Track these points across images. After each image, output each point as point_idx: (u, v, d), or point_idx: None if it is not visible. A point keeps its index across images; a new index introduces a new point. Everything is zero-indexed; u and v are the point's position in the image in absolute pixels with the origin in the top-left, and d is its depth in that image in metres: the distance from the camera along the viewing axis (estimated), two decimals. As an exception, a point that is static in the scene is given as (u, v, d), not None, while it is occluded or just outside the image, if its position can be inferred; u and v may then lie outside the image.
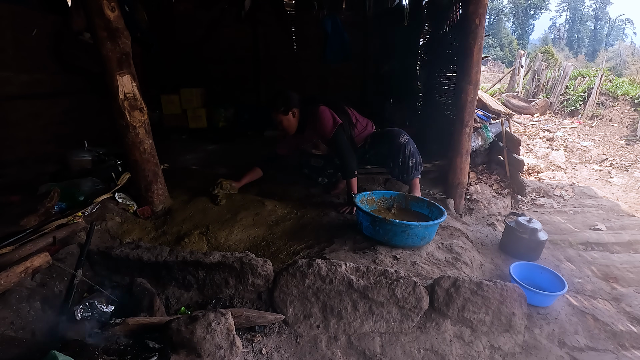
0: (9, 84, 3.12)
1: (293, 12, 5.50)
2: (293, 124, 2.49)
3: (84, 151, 2.99)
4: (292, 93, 2.48)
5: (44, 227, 1.90)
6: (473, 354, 1.50)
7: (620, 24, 48.82)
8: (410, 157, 2.46)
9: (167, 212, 2.41)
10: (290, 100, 2.43)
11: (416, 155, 2.49)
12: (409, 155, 2.46)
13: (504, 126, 3.63)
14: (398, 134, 2.50)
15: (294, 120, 2.48)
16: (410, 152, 2.46)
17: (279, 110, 2.42)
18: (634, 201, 3.80)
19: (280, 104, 2.42)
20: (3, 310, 1.37)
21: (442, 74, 3.48)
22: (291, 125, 2.49)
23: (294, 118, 2.47)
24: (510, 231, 2.33)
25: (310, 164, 2.79)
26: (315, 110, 2.45)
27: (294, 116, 2.46)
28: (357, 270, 1.62)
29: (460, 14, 2.92)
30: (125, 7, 3.07)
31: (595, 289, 2.05)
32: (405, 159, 2.47)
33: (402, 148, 2.46)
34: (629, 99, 7.80)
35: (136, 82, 2.15)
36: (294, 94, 2.48)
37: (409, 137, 2.50)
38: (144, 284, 1.68)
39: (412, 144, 2.49)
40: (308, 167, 2.82)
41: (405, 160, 2.47)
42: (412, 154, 2.47)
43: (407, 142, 2.47)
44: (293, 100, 2.44)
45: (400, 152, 2.46)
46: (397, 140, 2.47)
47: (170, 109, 5.11)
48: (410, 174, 2.51)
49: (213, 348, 1.28)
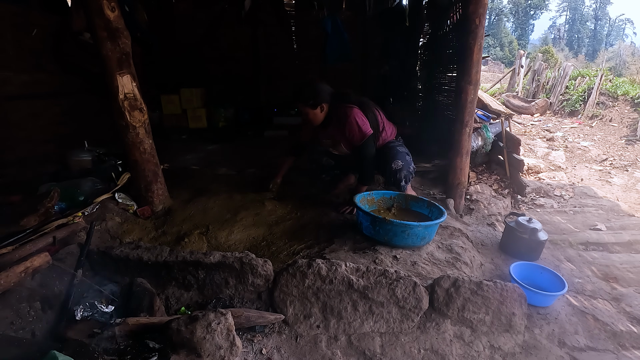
0: (9, 84, 3.11)
1: (293, 12, 5.50)
2: (319, 118, 2.39)
3: (84, 151, 2.99)
4: (323, 85, 2.38)
5: (44, 227, 1.90)
6: (473, 354, 1.50)
7: (620, 24, 48.84)
8: (401, 179, 2.46)
9: (167, 212, 2.41)
10: (320, 94, 2.33)
11: (409, 176, 2.48)
12: (400, 179, 2.46)
13: (504, 126, 3.63)
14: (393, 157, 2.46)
15: (321, 115, 2.38)
16: (401, 176, 2.45)
17: (307, 103, 2.32)
18: (634, 201, 3.80)
19: (309, 97, 2.32)
20: (3, 310, 1.37)
21: (442, 74, 3.48)
22: (317, 119, 2.40)
23: (321, 113, 2.37)
24: (510, 231, 2.33)
25: (321, 162, 2.74)
26: (346, 111, 2.35)
27: (321, 111, 2.36)
28: (357, 270, 1.62)
29: (460, 14, 2.92)
30: (125, 7, 3.07)
31: (595, 289, 2.05)
32: (396, 180, 2.48)
33: (394, 173, 2.46)
34: (629, 99, 7.80)
35: (136, 82, 2.15)
36: (325, 86, 2.39)
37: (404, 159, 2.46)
38: (144, 284, 1.68)
39: (406, 168, 2.44)
40: (317, 163, 2.77)
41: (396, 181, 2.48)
42: (404, 177, 2.46)
43: (400, 169, 2.44)
44: (323, 94, 2.34)
45: (392, 175, 2.47)
46: (390, 166, 2.45)
47: (170, 109, 5.11)
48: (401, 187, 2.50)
49: (213, 348, 1.28)
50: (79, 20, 3.20)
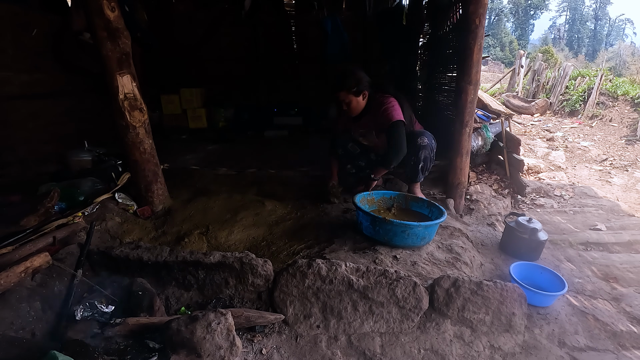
0: (9, 84, 3.11)
1: (293, 12, 5.51)
2: (361, 106, 2.41)
3: (84, 151, 3.00)
4: (364, 74, 2.39)
5: (44, 227, 1.90)
6: (473, 354, 1.50)
7: (620, 24, 48.85)
8: (422, 161, 2.43)
9: (167, 212, 2.41)
10: (362, 81, 2.35)
11: (428, 162, 2.45)
12: (421, 159, 2.42)
13: (504, 126, 3.63)
14: (419, 134, 2.43)
15: (362, 103, 2.40)
16: (423, 156, 2.41)
17: (351, 90, 2.33)
18: (634, 201, 3.80)
19: (353, 84, 2.32)
20: (3, 310, 1.37)
21: (442, 74, 3.48)
22: (359, 107, 2.41)
23: (363, 100, 2.39)
24: (510, 231, 2.33)
25: (347, 147, 2.69)
26: (383, 99, 2.37)
27: (364, 98, 2.38)
28: (357, 270, 1.62)
29: (460, 14, 2.92)
30: (125, 7, 3.07)
31: (595, 289, 2.05)
32: (417, 159, 2.43)
33: (417, 149, 2.41)
34: (629, 99, 7.79)
35: (136, 82, 2.15)
36: (365, 75, 2.40)
37: (430, 141, 2.43)
38: (144, 284, 1.68)
39: (429, 149, 2.42)
40: (344, 149, 2.70)
41: (417, 162, 2.44)
42: (425, 159, 2.43)
43: (425, 145, 2.40)
44: (365, 82, 2.36)
45: (416, 150, 2.41)
46: (416, 141, 2.41)
47: (170, 109, 5.12)
48: (416, 177, 2.50)
49: (213, 348, 1.28)
50: (79, 20, 3.20)
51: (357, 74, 2.37)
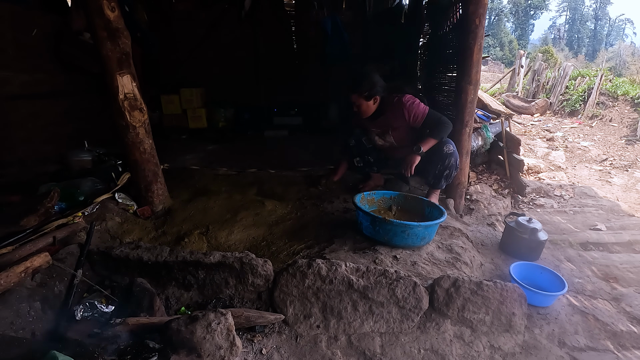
0: (9, 84, 3.11)
1: (293, 12, 5.50)
2: (371, 110, 2.46)
3: (84, 151, 2.99)
4: (379, 78, 2.43)
5: (44, 227, 1.90)
6: (473, 354, 1.50)
7: (620, 24, 48.84)
8: (447, 168, 2.41)
9: (167, 212, 2.41)
10: (376, 86, 2.39)
11: (452, 170, 2.44)
12: (447, 166, 2.41)
13: (504, 126, 3.63)
14: (445, 142, 2.42)
15: (372, 107, 2.45)
16: (449, 164, 2.40)
17: (362, 94, 2.38)
18: (634, 201, 3.80)
19: (365, 89, 2.37)
20: (3, 310, 1.37)
21: (442, 74, 3.48)
22: (369, 111, 2.46)
23: (373, 105, 2.44)
24: (510, 231, 2.33)
25: (361, 139, 2.70)
26: (400, 99, 2.41)
27: (374, 103, 2.44)
28: (357, 270, 1.62)
29: (460, 14, 2.92)
30: (125, 7, 3.07)
31: (595, 289, 2.05)
32: (443, 168, 2.42)
33: (445, 157, 2.40)
34: (629, 99, 7.80)
35: (136, 82, 2.15)
36: (380, 79, 2.43)
37: (454, 149, 2.43)
38: (144, 284, 1.68)
39: (455, 156, 2.42)
40: (357, 140, 2.71)
41: (442, 169, 2.42)
42: (451, 167, 2.42)
43: (452, 153, 2.40)
44: (378, 88, 2.40)
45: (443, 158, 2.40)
46: (442, 149, 2.40)
47: (170, 109, 5.11)
48: (439, 184, 2.48)
49: (213, 348, 1.28)
50: (79, 20, 3.21)
51: (372, 78, 2.40)
